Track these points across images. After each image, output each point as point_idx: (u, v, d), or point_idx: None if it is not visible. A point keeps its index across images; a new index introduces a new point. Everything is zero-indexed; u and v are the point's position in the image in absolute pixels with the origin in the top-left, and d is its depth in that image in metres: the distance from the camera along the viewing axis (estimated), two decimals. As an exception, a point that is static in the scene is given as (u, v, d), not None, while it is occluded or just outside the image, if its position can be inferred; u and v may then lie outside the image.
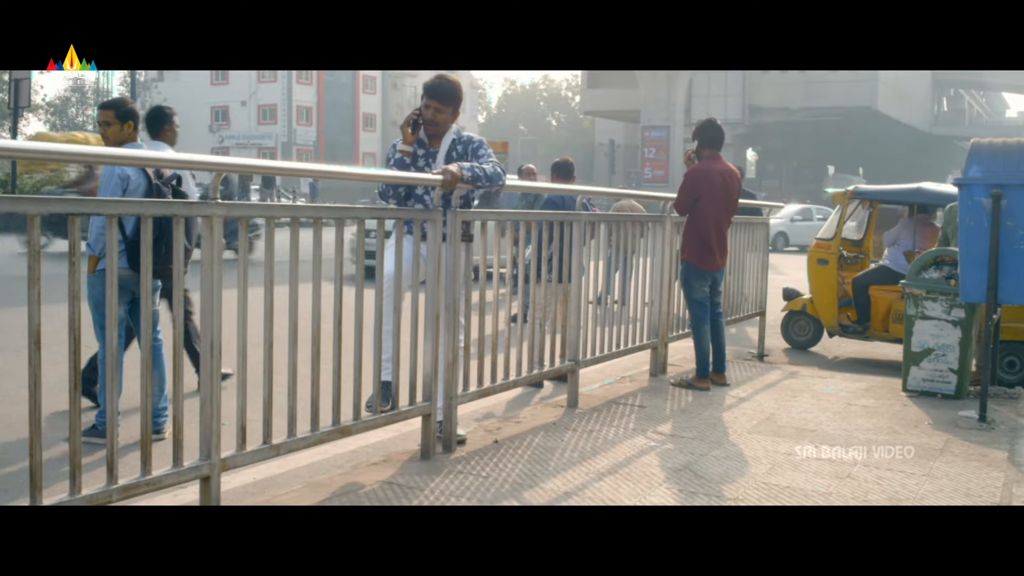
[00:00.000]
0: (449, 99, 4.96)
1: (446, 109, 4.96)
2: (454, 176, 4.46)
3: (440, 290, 4.57)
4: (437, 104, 4.94)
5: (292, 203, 21.17)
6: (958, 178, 6.11)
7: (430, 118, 4.96)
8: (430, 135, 5.04)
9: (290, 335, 3.77)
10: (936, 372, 6.77)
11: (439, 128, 5.00)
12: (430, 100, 4.94)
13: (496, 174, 4.76)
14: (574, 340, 5.85)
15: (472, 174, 4.61)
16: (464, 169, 4.56)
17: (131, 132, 5.14)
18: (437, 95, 4.94)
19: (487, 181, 4.71)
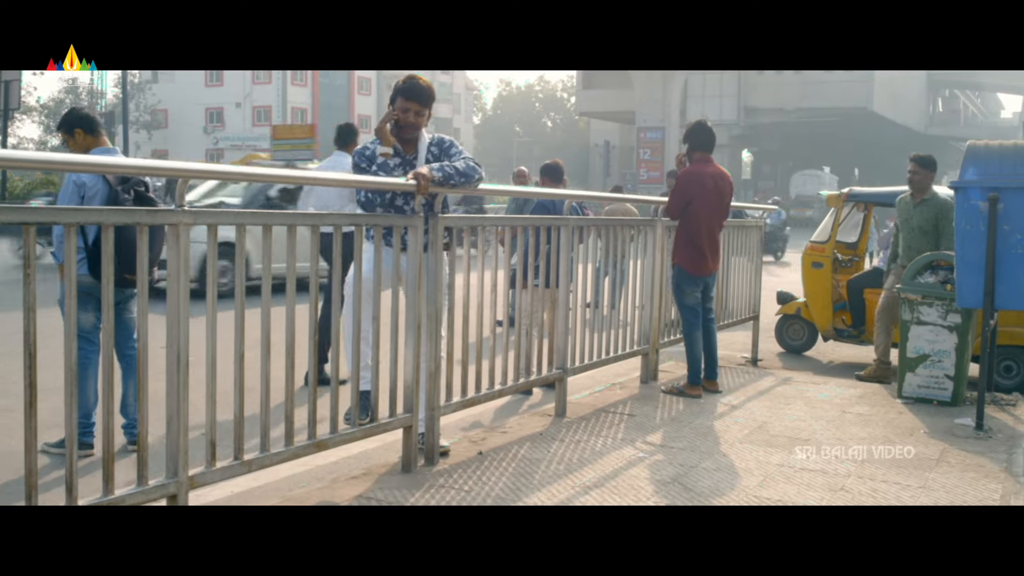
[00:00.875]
0: (428, 100, 4.82)
1: (425, 111, 4.82)
2: (426, 179, 4.28)
3: (421, 298, 4.44)
4: (418, 106, 4.79)
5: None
6: (954, 181, 5.98)
7: (411, 122, 4.79)
8: (403, 140, 4.88)
9: (262, 346, 3.63)
10: (932, 378, 6.64)
11: (416, 132, 4.85)
12: (409, 103, 4.77)
13: (469, 169, 4.58)
14: (562, 347, 5.72)
15: (443, 174, 4.42)
16: (434, 170, 4.37)
17: (88, 139, 4.97)
18: (418, 97, 4.78)
19: (461, 178, 4.51)
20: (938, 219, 7.50)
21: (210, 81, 69.10)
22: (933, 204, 7.58)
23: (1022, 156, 5.80)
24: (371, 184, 4.54)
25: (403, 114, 4.79)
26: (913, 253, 7.43)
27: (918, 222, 7.63)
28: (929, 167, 7.74)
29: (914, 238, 7.64)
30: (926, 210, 7.60)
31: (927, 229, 7.56)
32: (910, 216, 7.72)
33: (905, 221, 7.79)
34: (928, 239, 7.52)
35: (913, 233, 7.66)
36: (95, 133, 5.01)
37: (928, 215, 7.56)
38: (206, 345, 3.41)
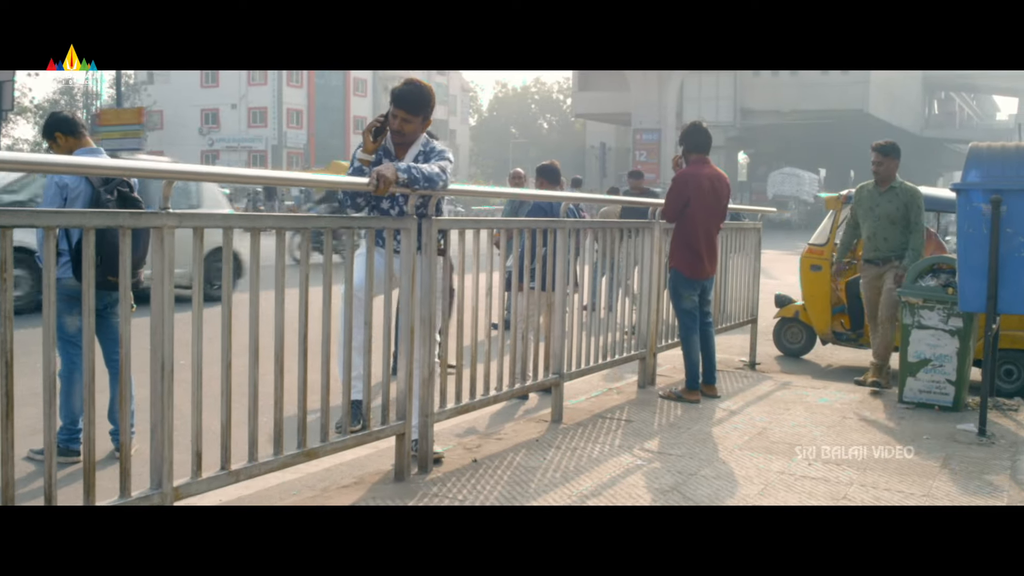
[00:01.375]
0: (418, 108, 4.66)
1: (414, 119, 4.66)
2: (387, 181, 4.05)
3: (415, 302, 4.33)
4: (405, 114, 4.63)
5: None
6: (956, 183, 5.89)
7: (397, 128, 4.66)
8: (396, 144, 4.76)
9: (250, 352, 3.53)
10: (933, 383, 6.55)
11: (407, 138, 4.72)
12: (397, 110, 4.62)
13: (434, 174, 4.33)
14: (558, 352, 5.62)
15: (409, 176, 4.19)
16: (400, 171, 4.16)
17: (70, 141, 4.87)
18: (405, 104, 4.62)
19: (425, 183, 4.28)
20: (908, 207, 7.21)
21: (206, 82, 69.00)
22: (902, 192, 7.29)
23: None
24: (327, 184, 4.46)
25: (391, 120, 4.67)
26: (879, 243, 7.29)
27: (885, 211, 7.32)
28: (892, 155, 7.43)
29: (881, 227, 7.33)
30: (894, 198, 7.29)
31: (896, 218, 7.26)
32: (875, 204, 7.39)
33: (869, 210, 7.43)
34: (897, 228, 7.26)
35: (880, 223, 7.34)
36: (76, 134, 4.90)
37: (897, 203, 7.26)
38: (191, 351, 3.31)
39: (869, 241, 7.41)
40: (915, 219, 7.17)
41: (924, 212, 7.27)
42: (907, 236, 7.19)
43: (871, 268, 7.42)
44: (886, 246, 7.29)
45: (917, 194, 7.25)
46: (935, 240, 9.39)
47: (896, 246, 7.24)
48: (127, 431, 3.15)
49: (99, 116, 30.33)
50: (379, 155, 4.77)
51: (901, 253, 7.18)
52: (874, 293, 7.42)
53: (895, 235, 7.24)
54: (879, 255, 7.33)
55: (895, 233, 7.24)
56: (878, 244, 7.31)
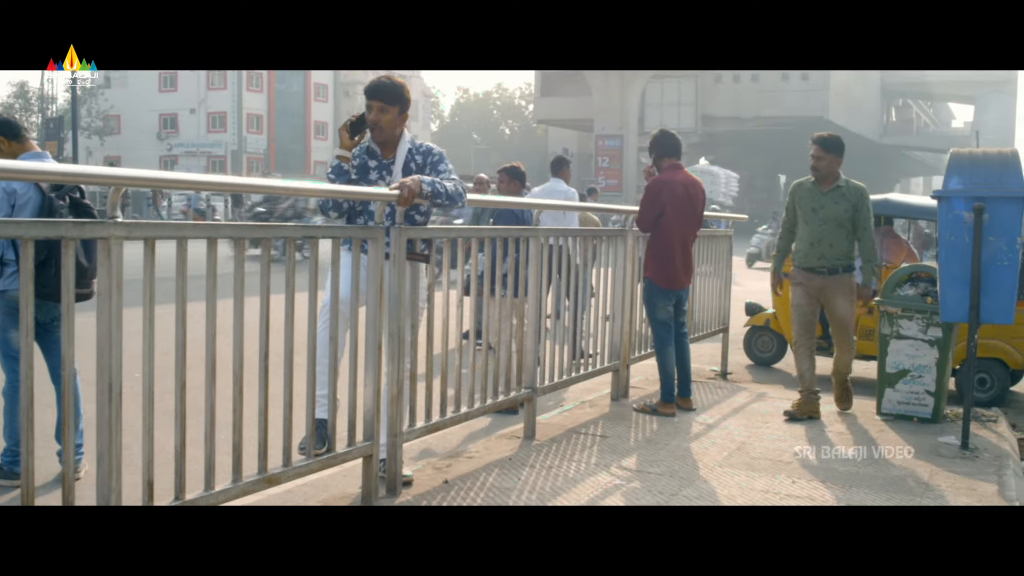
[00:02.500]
0: (393, 98, 4.52)
1: (391, 108, 4.52)
2: (411, 191, 4.01)
3: (383, 315, 4.10)
4: (380, 103, 4.50)
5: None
6: (937, 191, 5.75)
7: (374, 120, 4.51)
8: (380, 143, 4.59)
9: (207, 369, 3.28)
10: (912, 394, 6.41)
11: (386, 132, 4.53)
12: (372, 100, 4.51)
13: (457, 193, 4.34)
14: (531, 366, 5.40)
15: (433, 190, 4.17)
16: (424, 184, 4.11)
17: (13, 145, 4.59)
18: (379, 94, 4.51)
19: (447, 199, 4.28)
20: (856, 209, 6.37)
21: (164, 86, 68.18)
22: (850, 192, 6.42)
23: (1008, 165, 5.58)
24: (347, 194, 4.23)
25: (367, 113, 4.54)
26: (825, 250, 6.42)
27: (832, 213, 6.41)
28: (834, 151, 6.48)
29: (827, 232, 6.41)
30: (841, 199, 6.41)
31: (843, 221, 6.37)
32: (819, 206, 6.45)
33: (812, 212, 6.47)
34: (843, 232, 6.39)
35: (826, 227, 6.41)
36: (19, 139, 4.63)
37: (845, 205, 6.38)
38: (143, 370, 3.05)
39: (812, 248, 6.46)
40: (865, 222, 6.39)
41: (872, 217, 6.50)
42: (852, 242, 6.43)
43: (813, 278, 6.48)
44: (832, 253, 6.40)
45: (866, 194, 6.51)
46: (907, 247, 9.32)
47: (843, 254, 6.42)
48: (71, 461, 2.89)
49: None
50: (362, 155, 4.61)
51: (849, 263, 6.43)
52: (810, 306, 6.60)
53: (842, 241, 6.40)
54: (824, 264, 6.42)
55: (842, 239, 6.41)
56: (823, 251, 6.41)
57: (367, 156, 4.61)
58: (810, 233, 6.47)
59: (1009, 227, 5.49)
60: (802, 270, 6.54)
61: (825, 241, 6.41)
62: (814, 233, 6.45)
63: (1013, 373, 7.96)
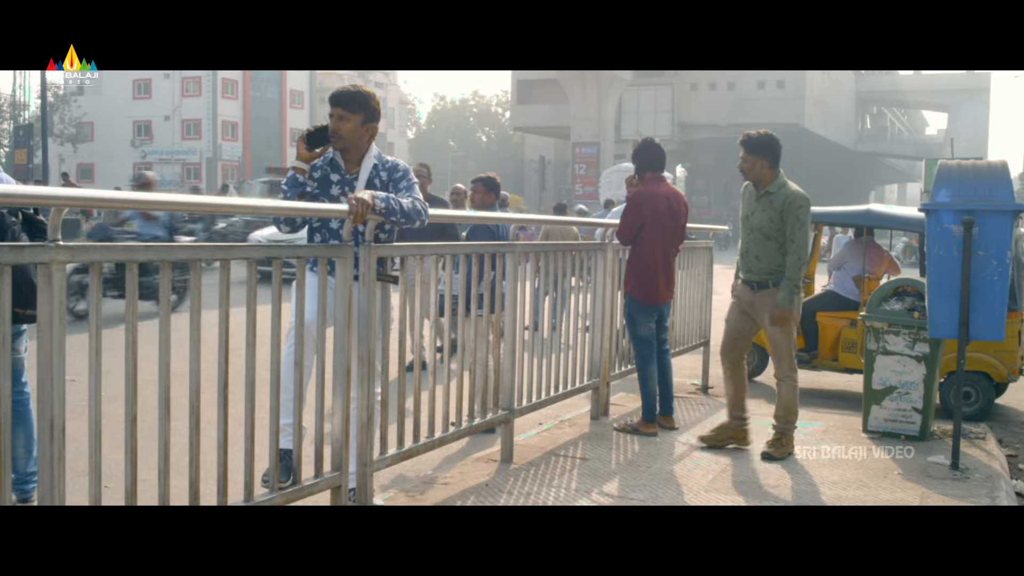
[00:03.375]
0: (355, 105, 4.29)
1: (352, 116, 4.28)
2: (365, 205, 3.76)
3: (351, 338, 3.88)
4: (340, 110, 4.27)
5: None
6: (925, 203, 5.60)
7: (333, 127, 4.28)
8: (343, 155, 4.36)
9: (160, 403, 3.05)
10: (899, 412, 6.26)
11: (346, 141, 4.30)
12: (333, 108, 4.29)
13: (414, 211, 4.10)
14: (508, 386, 5.19)
15: (387, 206, 3.92)
16: (378, 200, 3.87)
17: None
18: (340, 101, 4.28)
19: (402, 217, 4.03)
20: (783, 217, 5.64)
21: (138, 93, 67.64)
22: (778, 199, 5.67)
23: (998, 177, 5.44)
24: (293, 211, 4.00)
25: (329, 121, 4.32)
26: (751, 262, 5.80)
27: (759, 221, 5.75)
28: (758, 152, 5.78)
29: (754, 242, 5.79)
30: (768, 207, 5.71)
31: (769, 232, 5.69)
32: (750, 212, 5.85)
33: (745, 218, 5.91)
34: (771, 244, 5.70)
35: (753, 236, 5.79)
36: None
37: (771, 213, 5.68)
38: (89, 406, 2.82)
39: (742, 258, 5.91)
40: (791, 234, 5.61)
41: (808, 225, 5.73)
42: (782, 256, 5.66)
43: (744, 292, 5.91)
44: (759, 267, 5.76)
45: (796, 201, 5.64)
46: (888, 258, 9.19)
47: (770, 268, 5.71)
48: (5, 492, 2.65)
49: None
50: (324, 167, 4.38)
51: (779, 279, 5.66)
52: (739, 322, 5.98)
53: (769, 254, 5.71)
54: (751, 277, 5.83)
55: (769, 251, 5.71)
56: (750, 264, 5.83)
57: (329, 169, 4.38)
58: (742, 242, 5.93)
59: (999, 241, 5.34)
60: (738, 282, 6.00)
61: (751, 252, 5.82)
62: (744, 242, 5.90)
63: (997, 386, 7.84)
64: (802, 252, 5.60)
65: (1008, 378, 7.75)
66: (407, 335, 4.47)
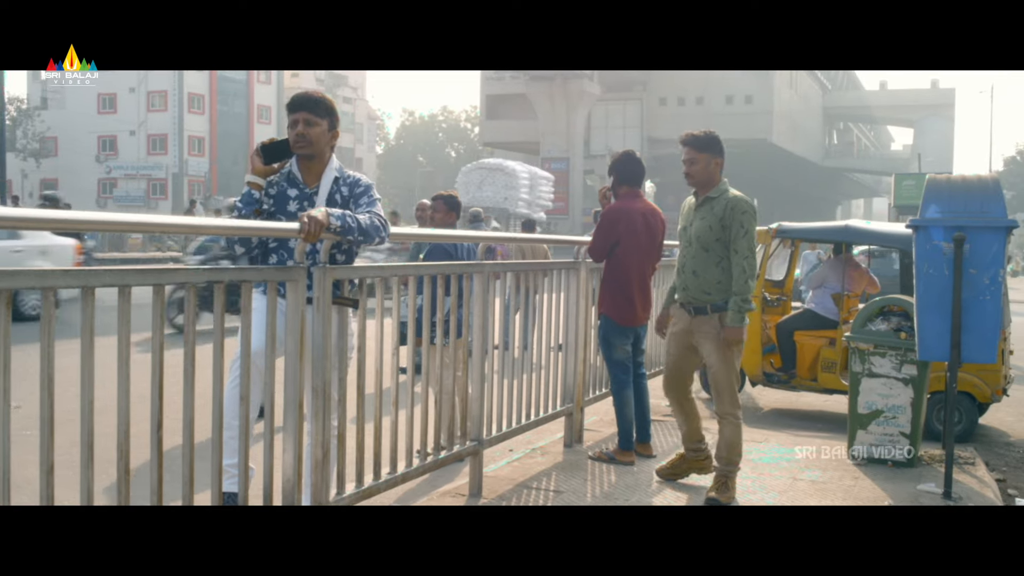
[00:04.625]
0: (322, 109, 3.97)
1: (320, 121, 3.96)
2: (318, 224, 3.40)
3: (304, 368, 3.54)
4: (306, 115, 3.94)
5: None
6: (914, 219, 5.33)
7: (301, 133, 3.93)
8: (304, 167, 4.01)
9: (83, 448, 2.70)
10: (886, 436, 5.99)
11: (315, 147, 3.96)
12: (297, 112, 3.94)
13: (373, 227, 3.74)
14: (477, 415, 4.86)
15: (343, 224, 3.56)
16: (333, 217, 3.52)
17: None
18: (306, 105, 3.95)
19: (360, 235, 3.67)
20: (724, 225, 4.95)
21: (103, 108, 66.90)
22: (720, 205, 4.99)
23: (989, 191, 5.19)
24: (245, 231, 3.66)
25: (291, 130, 3.96)
26: (688, 279, 5.09)
27: (696, 232, 5.05)
28: (711, 150, 5.08)
29: (690, 255, 5.08)
30: (708, 214, 5.02)
31: (708, 243, 4.98)
32: (688, 223, 5.15)
33: (683, 230, 5.20)
34: (710, 256, 4.99)
35: (690, 249, 5.10)
36: None
37: (711, 220, 4.99)
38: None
39: (678, 276, 5.21)
40: (735, 243, 4.92)
41: (755, 236, 5.06)
42: (722, 273, 4.98)
43: (681, 315, 5.21)
44: (696, 284, 5.04)
45: (740, 207, 4.96)
46: (868, 276, 8.97)
47: (708, 285, 5.00)
48: None
49: None
50: (281, 183, 4.03)
51: (722, 299, 4.97)
52: (678, 351, 5.30)
53: (707, 268, 5.00)
54: (688, 298, 5.10)
55: (707, 265, 5.00)
56: (686, 281, 5.10)
57: (287, 184, 4.03)
58: (679, 258, 5.26)
59: (991, 259, 5.08)
60: (677, 304, 5.29)
61: (688, 267, 5.09)
62: (680, 257, 5.22)
63: (980, 406, 7.64)
64: (749, 264, 4.92)
65: (991, 398, 7.54)
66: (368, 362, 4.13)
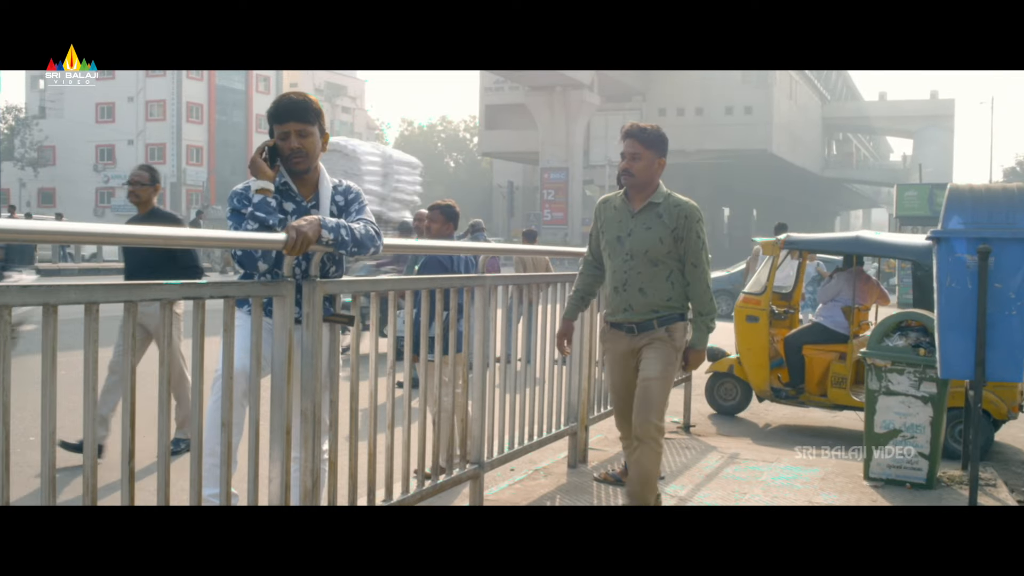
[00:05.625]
0: (313, 115, 3.64)
1: (311, 128, 3.62)
2: (304, 237, 3.15)
3: (292, 391, 3.28)
4: (299, 125, 3.59)
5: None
6: (936, 231, 5.08)
7: (296, 147, 3.59)
8: (299, 179, 3.69)
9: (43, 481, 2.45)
10: (903, 457, 5.73)
11: (311, 160, 3.64)
12: (286, 124, 3.59)
13: (367, 237, 3.49)
14: (478, 436, 4.61)
15: (335, 236, 3.30)
16: (325, 229, 3.26)
17: None
18: (296, 113, 3.60)
19: (354, 246, 3.41)
20: (678, 236, 4.30)
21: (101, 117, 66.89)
22: (670, 212, 4.32)
23: (1015, 201, 4.95)
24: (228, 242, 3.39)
25: (283, 143, 3.61)
26: (633, 297, 4.34)
27: (641, 243, 4.31)
28: (657, 148, 4.37)
29: (634, 271, 4.33)
30: (654, 222, 4.31)
31: (657, 255, 4.29)
32: (626, 232, 4.37)
33: (616, 241, 4.40)
34: (659, 271, 4.31)
35: (634, 264, 4.33)
36: None
37: (661, 231, 4.30)
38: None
39: (616, 294, 4.43)
40: (693, 255, 4.32)
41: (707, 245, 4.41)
42: (672, 288, 4.34)
43: (619, 338, 4.46)
44: (643, 303, 4.33)
45: (693, 214, 4.34)
46: (878, 289, 8.72)
47: (659, 304, 4.32)
48: None
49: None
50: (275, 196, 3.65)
51: (672, 313, 4.34)
52: (624, 380, 4.50)
53: (658, 286, 4.32)
54: (632, 318, 4.36)
55: (658, 282, 4.32)
56: (630, 300, 4.36)
57: (282, 197, 3.69)
58: (614, 273, 4.45)
59: (1018, 272, 4.84)
60: (608, 326, 4.57)
61: (632, 285, 4.36)
62: (618, 273, 4.41)
63: (995, 423, 7.39)
64: (708, 277, 4.37)
65: (1008, 415, 7.29)
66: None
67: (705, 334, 4.41)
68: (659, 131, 4.43)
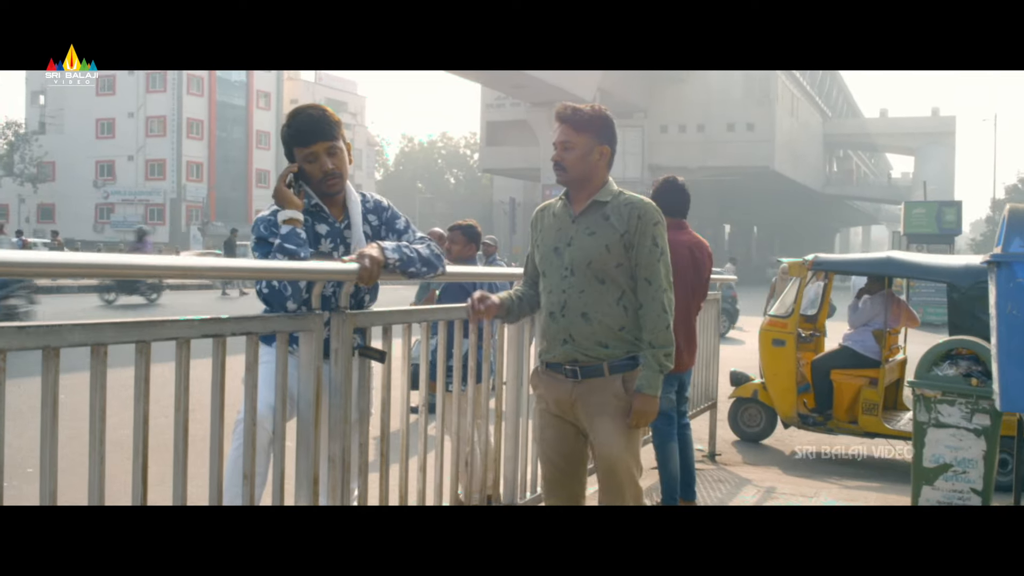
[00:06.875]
0: (337, 130, 3.31)
1: (340, 145, 3.30)
2: (376, 263, 2.92)
3: (320, 435, 2.96)
4: (327, 144, 3.25)
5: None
6: (996, 254, 4.75)
7: (331, 169, 3.25)
8: (327, 200, 3.33)
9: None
10: (955, 493, 5.39)
11: (344, 180, 3.31)
12: (312, 146, 3.23)
13: (435, 256, 3.27)
14: (510, 476, 4.27)
15: (400, 257, 3.06)
16: (388, 251, 3.01)
17: None
18: (322, 132, 3.24)
19: (424, 267, 3.18)
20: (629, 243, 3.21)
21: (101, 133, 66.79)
22: (620, 212, 3.25)
23: (1082, 223, 4.64)
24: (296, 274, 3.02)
25: (311, 165, 3.25)
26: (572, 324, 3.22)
27: (582, 253, 3.24)
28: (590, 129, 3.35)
29: (575, 289, 3.22)
30: (599, 225, 3.25)
31: (604, 268, 3.21)
32: (563, 242, 3.28)
33: (553, 252, 3.30)
34: (608, 290, 3.22)
35: (573, 280, 3.23)
36: None
37: (607, 236, 3.23)
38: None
39: (553, 321, 3.30)
40: (648, 269, 3.23)
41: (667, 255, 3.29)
42: (625, 310, 3.24)
43: (556, 383, 3.32)
44: (587, 334, 3.22)
45: (650, 214, 3.27)
46: (907, 311, 8.41)
47: (608, 335, 3.22)
48: None
49: None
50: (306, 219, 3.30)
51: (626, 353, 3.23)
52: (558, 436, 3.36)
53: (606, 309, 3.23)
54: (572, 355, 3.25)
55: (606, 305, 3.23)
56: (571, 328, 3.24)
57: (313, 219, 3.33)
58: (550, 294, 3.33)
59: (1085, 299, 4.52)
60: (544, 366, 3.39)
61: (573, 309, 3.25)
62: (555, 294, 3.30)
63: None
64: (669, 300, 3.26)
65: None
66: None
67: (657, 375, 3.21)
68: (599, 111, 3.38)
